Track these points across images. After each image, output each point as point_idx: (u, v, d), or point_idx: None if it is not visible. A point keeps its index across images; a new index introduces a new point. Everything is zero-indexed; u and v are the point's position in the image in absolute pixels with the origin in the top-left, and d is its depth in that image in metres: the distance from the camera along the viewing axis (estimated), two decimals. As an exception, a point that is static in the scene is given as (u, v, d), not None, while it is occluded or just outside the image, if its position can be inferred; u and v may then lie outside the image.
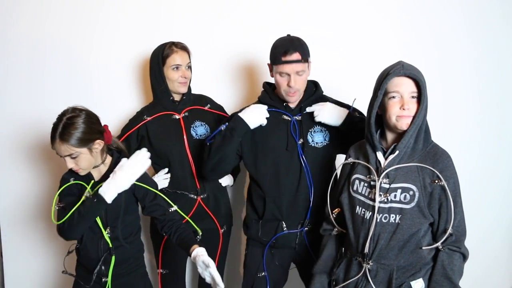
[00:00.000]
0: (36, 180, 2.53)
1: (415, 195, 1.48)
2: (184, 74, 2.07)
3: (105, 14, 2.43)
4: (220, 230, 2.16)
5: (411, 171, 1.50)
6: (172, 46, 2.07)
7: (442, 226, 1.49)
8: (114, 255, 1.73)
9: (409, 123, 1.49)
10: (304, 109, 1.90)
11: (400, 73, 1.46)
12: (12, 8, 2.41)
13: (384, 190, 1.51)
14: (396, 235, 1.49)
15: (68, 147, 1.61)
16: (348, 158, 1.68)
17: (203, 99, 2.22)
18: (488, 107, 2.50)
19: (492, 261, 2.53)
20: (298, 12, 2.44)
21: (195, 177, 2.09)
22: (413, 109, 1.48)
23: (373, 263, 1.52)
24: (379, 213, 1.50)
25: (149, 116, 2.08)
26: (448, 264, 1.49)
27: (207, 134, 2.12)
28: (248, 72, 2.49)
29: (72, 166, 1.66)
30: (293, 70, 1.78)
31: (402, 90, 1.48)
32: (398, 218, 1.49)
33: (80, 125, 1.63)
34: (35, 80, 2.46)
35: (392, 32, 2.45)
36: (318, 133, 1.89)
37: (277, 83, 1.85)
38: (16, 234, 2.57)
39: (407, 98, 1.48)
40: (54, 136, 1.62)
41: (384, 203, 1.50)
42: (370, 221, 1.51)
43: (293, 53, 1.77)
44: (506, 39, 2.46)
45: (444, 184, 1.46)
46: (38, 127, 2.43)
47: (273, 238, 1.90)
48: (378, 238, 1.51)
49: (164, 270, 2.15)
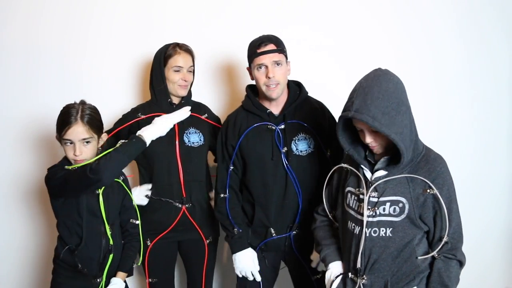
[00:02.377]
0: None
1: (404, 207, 1.44)
2: (185, 77, 2.02)
3: (98, 15, 2.44)
4: (205, 241, 2.11)
5: (400, 183, 1.45)
6: (176, 47, 2.03)
7: (437, 234, 1.47)
8: (113, 253, 1.77)
9: (380, 150, 1.47)
10: (288, 117, 1.89)
11: (349, 115, 1.39)
12: (6, 9, 2.43)
13: (373, 204, 1.47)
14: (389, 248, 1.46)
15: (87, 130, 1.66)
16: (344, 163, 1.64)
17: (201, 108, 2.17)
18: (482, 110, 2.51)
19: (485, 266, 2.53)
20: (288, 16, 2.45)
21: (182, 185, 2.03)
22: (379, 139, 1.44)
23: (366, 277, 1.49)
24: (368, 227, 1.47)
25: (144, 114, 2.04)
26: (445, 271, 1.46)
27: (200, 143, 2.08)
28: (231, 76, 2.48)
29: (78, 153, 1.66)
30: (270, 60, 1.80)
31: (359, 127, 1.45)
32: (389, 231, 1.45)
33: (98, 113, 1.74)
34: (29, 81, 2.46)
35: (386, 35, 2.46)
36: (302, 141, 1.88)
37: (256, 79, 1.85)
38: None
39: (367, 133, 1.43)
40: (73, 118, 1.64)
41: (372, 217, 1.47)
42: (360, 236, 1.48)
43: (267, 44, 1.81)
44: (500, 41, 2.47)
45: (436, 193, 1.42)
46: (34, 127, 2.46)
47: (261, 243, 1.92)
48: (370, 253, 1.47)
49: (152, 279, 2.11)
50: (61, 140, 1.69)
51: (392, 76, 1.43)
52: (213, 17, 2.46)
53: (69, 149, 1.69)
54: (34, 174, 2.49)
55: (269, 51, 1.80)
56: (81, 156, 1.68)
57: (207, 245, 2.12)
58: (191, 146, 2.05)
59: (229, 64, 2.48)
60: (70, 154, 1.69)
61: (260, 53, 1.80)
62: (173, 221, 2.02)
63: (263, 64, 1.80)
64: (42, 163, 2.43)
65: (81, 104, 1.71)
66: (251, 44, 1.86)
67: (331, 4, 2.46)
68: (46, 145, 2.47)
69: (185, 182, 2.03)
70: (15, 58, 2.44)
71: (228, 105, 2.48)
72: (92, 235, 1.73)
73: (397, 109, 1.38)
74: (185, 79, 2.02)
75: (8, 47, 2.44)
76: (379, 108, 1.36)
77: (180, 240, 2.12)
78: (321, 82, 2.27)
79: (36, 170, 2.47)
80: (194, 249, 2.12)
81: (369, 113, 1.36)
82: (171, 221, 2.02)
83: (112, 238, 1.76)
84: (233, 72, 2.49)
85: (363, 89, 1.40)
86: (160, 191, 2.03)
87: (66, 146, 1.69)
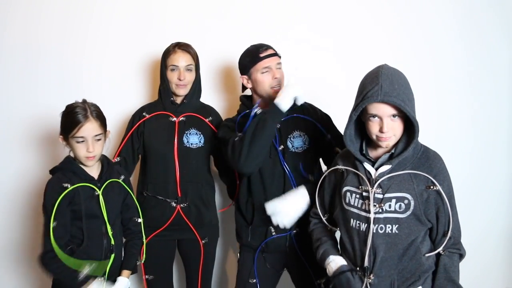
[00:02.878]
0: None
1: (410, 203, 1.44)
2: (181, 75, 2.02)
3: (98, 16, 2.45)
4: (200, 242, 2.10)
5: (404, 179, 1.45)
6: (175, 47, 2.05)
7: (441, 230, 1.47)
8: (115, 253, 1.77)
9: (390, 143, 1.45)
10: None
11: (377, 99, 1.38)
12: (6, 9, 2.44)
13: (378, 200, 1.46)
14: (396, 245, 1.45)
15: (99, 126, 1.71)
16: (336, 165, 1.63)
17: (207, 110, 2.16)
18: (482, 109, 2.50)
19: (485, 266, 2.52)
20: (287, 16, 2.46)
21: (177, 184, 2.03)
22: (396, 128, 1.43)
23: (374, 276, 1.47)
24: (375, 224, 1.46)
25: (149, 113, 2.08)
26: (450, 266, 1.47)
27: (199, 144, 2.07)
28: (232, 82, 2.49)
29: (92, 150, 1.70)
30: (274, 62, 1.89)
31: (380, 114, 1.41)
32: (395, 228, 1.45)
33: (101, 110, 1.78)
34: (28, 81, 2.46)
35: (385, 35, 2.46)
36: (297, 138, 1.91)
37: (261, 82, 1.90)
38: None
39: (387, 120, 1.41)
40: (84, 116, 1.67)
41: (379, 214, 1.46)
42: (367, 233, 1.47)
43: (267, 48, 1.91)
44: (499, 41, 2.47)
45: (439, 189, 1.43)
46: (35, 126, 2.46)
47: (263, 243, 1.91)
48: (377, 250, 1.46)
49: (149, 276, 2.10)
50: (70, 139, 1.70)
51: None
52: (215, 19, 2.47)
53: (81, 147, 1.70)
54: (34, 174, 2.47)
55: (272, 55, 1.90)
56: (93, 152, 1.70)
57: (203, 246, 2.11)
58: (189, 147, 2.05)
59: (230, 67, 2.47)
60: (83, 152, 1.70)
61: (264, 57, 1.88)
62: (167, 219, 2.03)
63: (268, 67, 1.88)
64: (43, 163, 2.43)
65: (85, 103, 1.73)
66: (249, 51, 1.92)
67: (331, 4, 2.47)
68: (47, 145, 2.47)
69: (181, 182, 2.03)
70: (14, 58, 2.44)
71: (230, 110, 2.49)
72: (93, 236, 1.73)
73: (414, 100, 1.42)
74: (180, 78, 2.02)
75: (8, 47, 2.44)
76: (406, 95, 1.39)
77: (178, 239, 2.13)
78: (321, 81, 2.28)
79: (36, 170, 2.46)
80: (191, 248, 2.13)
81: (399, 96, 1.37)
82: (166, 219, 2.03)
83: (113, 238, 1.76)
84: (233, 74, 2.49)
85: (386, 75, 1.40)
86: (156, 188, 2.04)
87: (77, 144, 1.70)
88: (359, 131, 1.54)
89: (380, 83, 1.38)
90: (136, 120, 2.09)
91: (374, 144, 1.51)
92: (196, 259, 2.12)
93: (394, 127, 1.42)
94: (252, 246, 1.95)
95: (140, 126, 2.08)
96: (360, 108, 1.42)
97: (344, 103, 1.90)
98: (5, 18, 2.44)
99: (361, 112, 1.45)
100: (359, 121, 1.51)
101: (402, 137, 1.46)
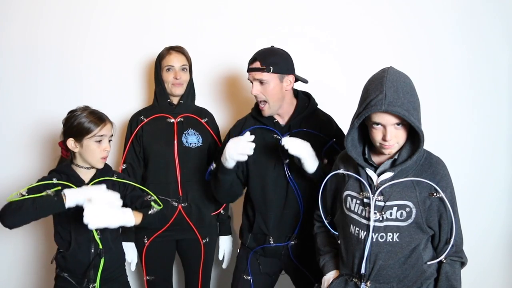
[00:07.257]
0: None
1: (412, 211, 1.41)
2: (177, 75, 2.07)
3: (97, 18, 2.46)
4: (201, 241, 2.13)
5: (406, 187, 1.42)
6: (170, 49, 2.11)
7: (444, 237, 1.45)
8: (104, 257, 1.71)
9: (393, 151, 1.42)
10: (293, 127, 1.88)
11: (381, 109, 1.33)
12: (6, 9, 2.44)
13: (379, 208, 1.43)
14: (396, 253, 1.42)
15: (112, 126, 1.76)
16: (338, 168, 1.59)
17: (203, 112, 2.21)
18: (482, 111, 2.49)
19: (484, 268, 2.51)
20: (288, 16, 2.45)
21: (178, 184, 2.07)
22: (399, 136, 1.39)
23: (371, 283, 1.45)
24: (375, 232, 1.43)
25: (146, 117, 2.12)
26: (452, 274, 1.45)
27: (197, 144, 2.12)
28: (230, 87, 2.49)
29: (108, 149, 1.73)
30: (252, 78, 1.82)
31: (384, 122, 1.37)
32: (396, 236, 1.42)
33: None
34: (28, 83, 2.47)
35: (386, 36, 2.46)
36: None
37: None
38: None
39: (391, 129, 1.37)
40: (104, 116, 1.73)
41: (379, 222, 1.43)
42: (365, 241, 1.44)
43: (254, 62, 1.82)
44: (499, 41, 2.46)
45: (442, 196, 1.40)
46: (35, 129, 2.46)
47: (258, 247, 1.92)
48: (376, 258, 1.43)
49: (150, 277, 2.13)
50: (87, 140, 1.68)
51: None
52: (214, 24, 2.47)
53: (98, 147, 1.70)
54: (34, 177, 2.44)
55: (253, 69, 1.81)
56: (108, 152, 1.73)
57: (204, 245, 2.14)
58: (189, 147, 2.09)
59: (229, 71, 2.47)
60: (98, 152, 1.70)
61: (248, 69, 1.84)
62: (169, 219, 2.02)
63: (250, 80, 1.84)
64: (44, 166, 2.43)
65: (90, 108, 1.76)
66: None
67: (332, 5, 2.46)
68: (45, 148, 2.48)
69: (182, 181, 2.07)
70: (13, 62, 2.45)
71: (234, 115, 2.48)
72: (80, 240, 1.70)
73: (419, 107, 1.38)
74: (177, 77, 2.07)
75: (6, 52, 2.44)
76: (411, 103, 1.35)
77: (178, 239, 2.14)
78: (321, 82, 2.25)
79: (36, 173, 2.44)
80: (191, 248, 2.15)
81: (403, 106, 1.33)
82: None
83: (101, 242, 1.71)
84: (231, 79, 2.49)
85: (391, 82, 1.35)
86: (158, 189, 2.02)
87: (96, 143, 1.70)
88: (362, 135, 1.51)
89: (384, 92, 1.34)
90: (134, 125, 2.12)
91: (377, 149, 1.48)
92: (197, 259, 2.15)
93: (398, 135, 1.39)
94: (250, 247, 1.96)
95: (138, 131, 2.10)
96: (363, 117, 1.38)
97: (345, 105, 1.91)
98: (4, 22, 2.44)
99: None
100: (363, 125, 1.48)
101: (406, 144, 1.43)
